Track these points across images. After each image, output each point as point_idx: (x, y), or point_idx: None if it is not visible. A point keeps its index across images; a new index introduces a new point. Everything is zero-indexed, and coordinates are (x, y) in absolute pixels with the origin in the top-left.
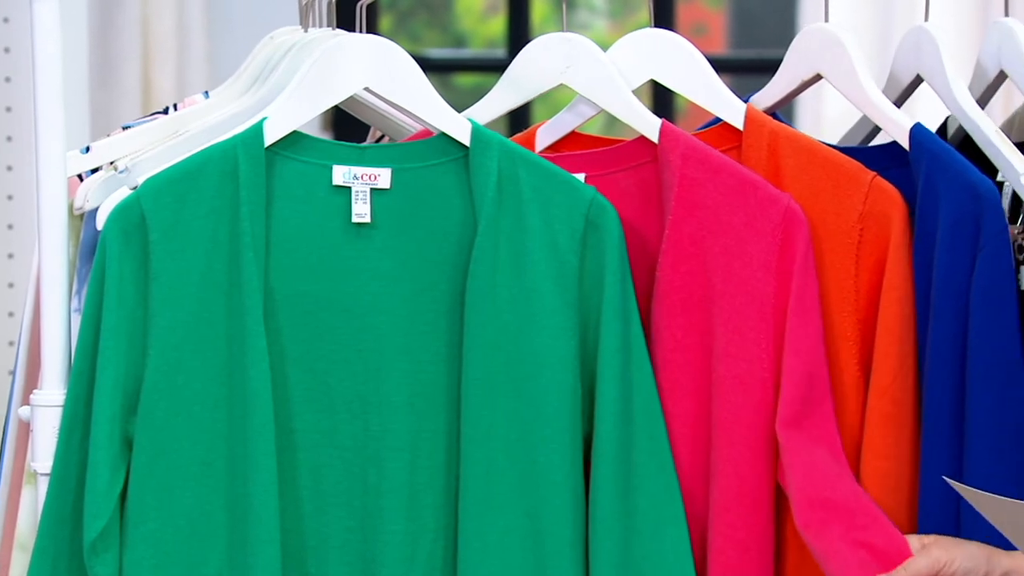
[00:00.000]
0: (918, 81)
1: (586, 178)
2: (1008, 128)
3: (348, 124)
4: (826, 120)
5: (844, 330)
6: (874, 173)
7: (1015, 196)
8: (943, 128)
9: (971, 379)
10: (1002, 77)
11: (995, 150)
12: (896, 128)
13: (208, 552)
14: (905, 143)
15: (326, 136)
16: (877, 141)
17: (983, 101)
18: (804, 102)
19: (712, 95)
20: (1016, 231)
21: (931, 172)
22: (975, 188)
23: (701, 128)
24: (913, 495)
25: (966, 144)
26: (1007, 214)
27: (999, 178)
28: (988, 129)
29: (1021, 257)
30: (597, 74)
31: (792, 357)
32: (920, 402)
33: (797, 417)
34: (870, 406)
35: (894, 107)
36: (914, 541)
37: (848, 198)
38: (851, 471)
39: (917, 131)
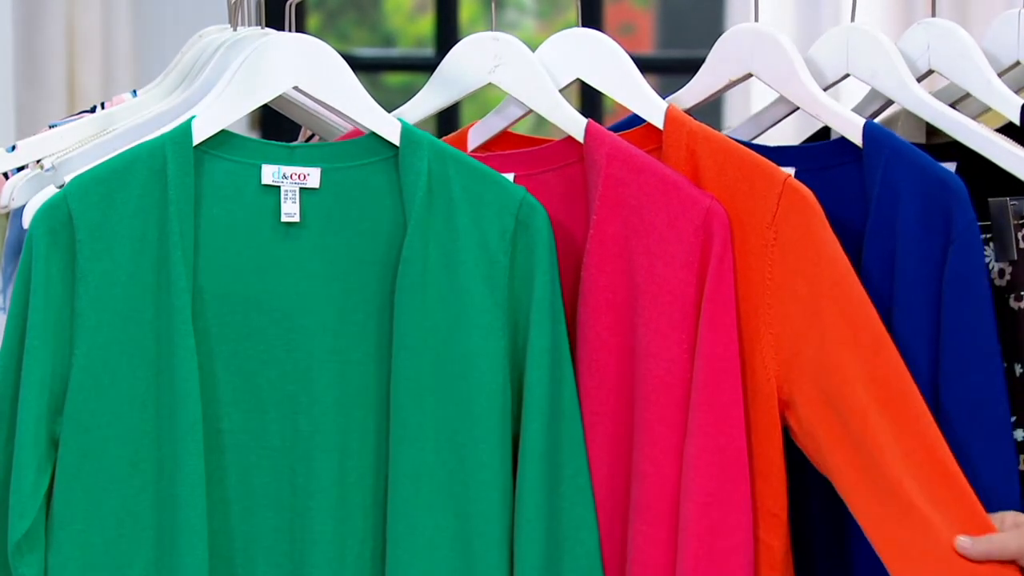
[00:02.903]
0: (840, 80)
1: (515, 178)
2: (891, 127)
3: (276, 123)
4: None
5: (758, 330)
6: (788, 174)
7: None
8: (825, 129)
9: (947, 372)
10: (925, 76)
11: (991, 143)
12: (848, 125)
13: (135, 553)
14: (858, 140)
15: (254, 135)
16: (765, 138)
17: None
18: (732, 102)
19: (635, 95)
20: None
21: (891, 167)
22: (944, 182)
23: (617, 127)
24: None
25: None
26: None
27: None
28: (970, 124)
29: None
30: (525, 73)
31: (700, 362)
32: None
33: (702, 425)
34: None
35: (842, 105)
36: (1008, 518)
37: (763, 199)
38: (747, 479)
39: (871, 127)
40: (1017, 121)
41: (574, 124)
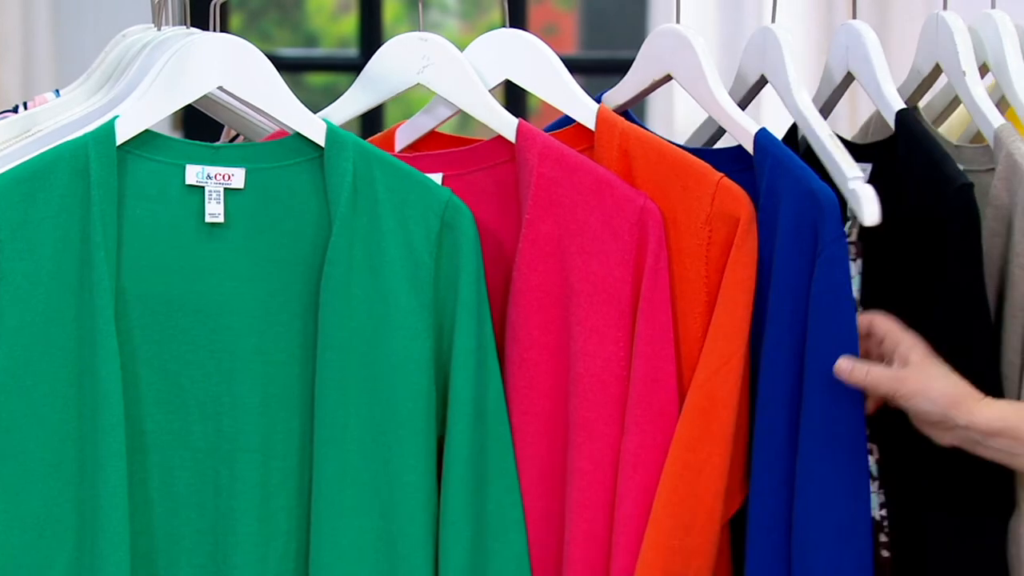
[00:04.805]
0: (763, 81)
1: (444, 178)
2: (865, 130)
3: (198, 123)
4: (676, 122)
5: (694, 331)
6: (721, 174)
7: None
8: (793, 130)
9: (808, 384)
10: (849, 79)
11: (827, 154)
12: (741, 132)
13: (56, 554)
14: (750, 147)
15: (176, 136)
16: (724, 142)
17: (832, 102)
18: (655, 104)
19: (566, 95)
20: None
21: (773, 177)
22: (815, 195)
23: (551, 128)
24: (709, 490)
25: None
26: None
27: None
28: (822, 132)
29: (851, 256)
30: (454, 74)
31: (638, 360)
32: (745, 400)
33: (640, 423)
34: (687, 398)
35: (740, 111)
36: (886, 370)
37: (697, 199)
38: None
39: (761, 136)
40: (892, 126)
41: (505, 124)
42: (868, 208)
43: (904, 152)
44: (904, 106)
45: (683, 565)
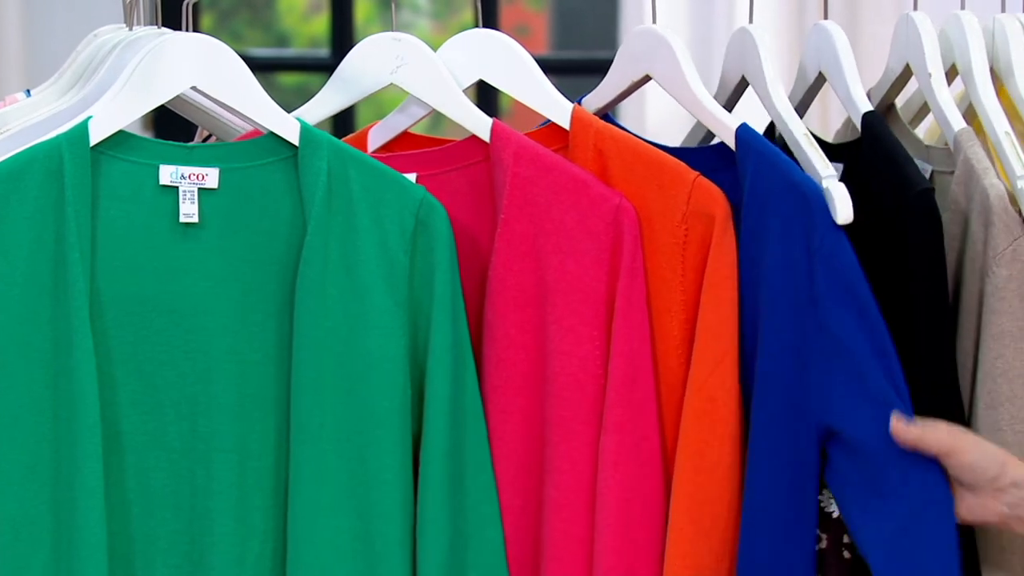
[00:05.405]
0: (745, 83)
1: (417, 178)
2: (844, 129)
3: (170, 123)
4: (648, 123)
5: (670, 330)
6: (697, 173)
7: None
8: (771, 128)
9: (828, 382)
10: (822, 79)
11: (802, 152)
12: (723, 128)
13: (32, 556)
14: (732, 143)
15: (148, 136)
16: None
17: (805, 102)
18: (627, 105)
19: (540, 95)
20: None
21: (757, 172)
22: (800, 188)
23: (534, 129)
24: (726, 490)
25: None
26: None
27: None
28: (797, 131)
29: None
30: (428, 74)
31: (616, 359)
32: (739, 400)
33: (620, 422)
34: (686, 402)
35: (721, 108)
36: (942, 426)
37: (672, 198)
38: (661, 472)
39: (743, 131)
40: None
41: (479, 124)
42: (841, 207)
43: (869, 155)
44: (871, 108)
45: (713, 570)
